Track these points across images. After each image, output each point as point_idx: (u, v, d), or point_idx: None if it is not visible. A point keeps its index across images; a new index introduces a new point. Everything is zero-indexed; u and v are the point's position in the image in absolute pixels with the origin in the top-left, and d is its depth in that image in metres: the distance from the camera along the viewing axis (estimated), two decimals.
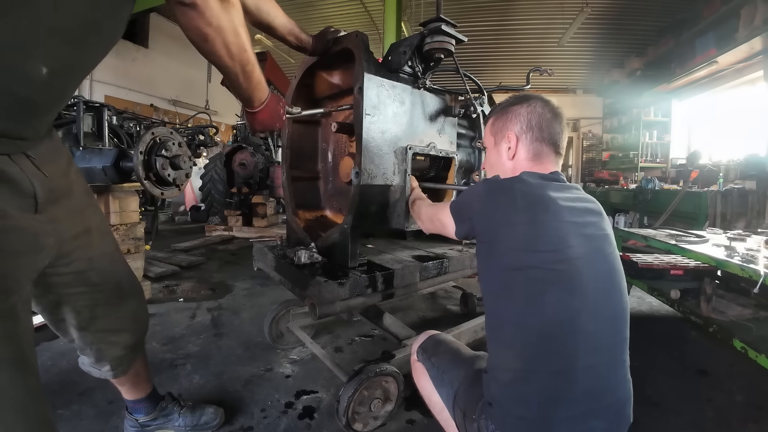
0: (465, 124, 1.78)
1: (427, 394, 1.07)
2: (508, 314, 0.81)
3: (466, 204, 0.97)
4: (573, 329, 0.76)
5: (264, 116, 1.05)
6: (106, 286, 1.00)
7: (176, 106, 8.03)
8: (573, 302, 0.77)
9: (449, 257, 1.57)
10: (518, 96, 1.03)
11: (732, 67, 5.10)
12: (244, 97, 0.99)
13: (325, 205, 1.86)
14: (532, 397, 0.77)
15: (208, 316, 2.35)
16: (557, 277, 0.77)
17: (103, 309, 1.01)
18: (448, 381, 0.98)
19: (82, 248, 0.94)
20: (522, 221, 0.81)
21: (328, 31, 1.45)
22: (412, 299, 2.66)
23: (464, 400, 0.91)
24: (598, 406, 0.77)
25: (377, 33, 6.35)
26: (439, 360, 1.05)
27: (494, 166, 1.06)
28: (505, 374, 0.81)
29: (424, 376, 1.07)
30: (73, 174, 0.97)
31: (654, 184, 4.72)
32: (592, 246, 0.82)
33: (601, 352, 0.78)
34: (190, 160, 3.31)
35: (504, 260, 0.81)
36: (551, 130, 0.96)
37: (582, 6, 5.59)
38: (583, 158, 9.28)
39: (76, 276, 0.94)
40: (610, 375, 0.80)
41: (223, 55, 0.82)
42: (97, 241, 0.99)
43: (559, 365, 0.76)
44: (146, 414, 1.24)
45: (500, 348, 0.84)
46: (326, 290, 1.17)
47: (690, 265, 2.47)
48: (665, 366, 1.85)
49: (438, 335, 1.15)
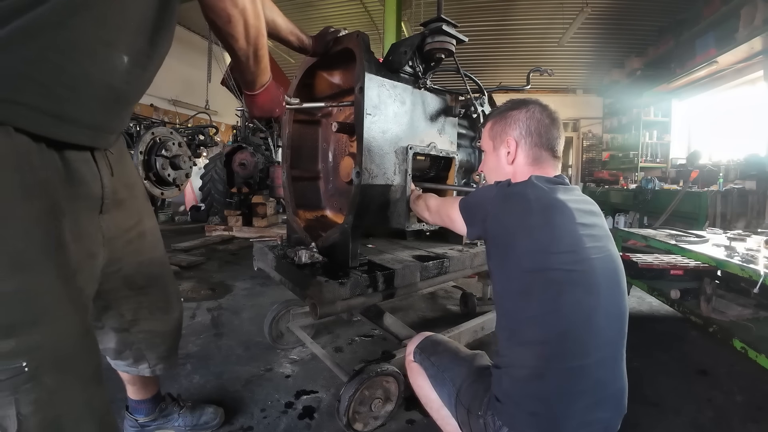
0: (465, 124, 1.78)
1: (424, 393, 1.08)
2: (527, 314, 0.82)
3: (478, 206, 0.97)
4: (588, 326, 0.79)
5: (264, 99, 1.06)
6: (151, 289, 1.02)
7: (176, 106, 8.02)
8: (589, 300, 0.80)
9: (449, 257, 1.57)
10: (515, 101, 1.04)
11: (732, 67, 5.10)
12: (248, 80, 0.99)
13: (326, 205, 1.86)
14: (548, 393, 0.79)
15: (208, 316, 2.35)
16: (576, 277, 0.80)
17: (147, 311, 1.02)
18: (449, 379, 0.99)
19: (133, 253, 0.95)
20: (538, 225, 0.83)
21: (327, 31, 1.46)
22: (412, 299, 2.66)
23: (468, 397, 0.92)
24: (602, 396, 0.80)
25: (377, 33, 6.35)
26: (438, 359, 1.05)
27: (493, 171, 1.07)
28: (521, 371, 0.82)
29: (421, 375, 1.08)
30: (135, 176, 0.99)
31: (654, 184, 4.72)
32: (599, 245, 0.85)
33: (608, 346, 0.82)
34: (190, 160, 3.30)
35: (523, 262, 0.83)
36: (549, 136, 0.98)
37: (582, 6, 5.59)
38: (583, 158, 9.28)
39: (125, 280, 0.95)
40: (614, 367, 0.83)
41: (241, 37, 0.83)
42: (148, 246, 1.00)
43: (575, 362, 0.78)
44: (146, 414, 1.24)
45: (517, 346, 0.85)
46: (327, 290, 1.17)
47: (690, 265, 2.47)
48: (665, 366, 1.85)
49: (434, 336, 1.16)
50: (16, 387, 0.62)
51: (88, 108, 0.71)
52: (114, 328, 1.01)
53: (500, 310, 0.91)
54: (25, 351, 0.62)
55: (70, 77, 0.66)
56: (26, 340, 0.62)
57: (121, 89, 0.75)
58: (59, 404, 0.67)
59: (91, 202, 0.79)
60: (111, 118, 0.79)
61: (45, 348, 0.64)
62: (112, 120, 0.79)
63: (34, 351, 0.63)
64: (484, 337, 1.81)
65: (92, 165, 0.79)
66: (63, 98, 0.66)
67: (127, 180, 0.93)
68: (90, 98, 0.71)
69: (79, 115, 0.70)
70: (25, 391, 0.62)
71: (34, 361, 0.63)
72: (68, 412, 0.68)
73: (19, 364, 0.61)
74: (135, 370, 1.10)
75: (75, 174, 0.73)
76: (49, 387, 0.64)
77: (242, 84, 1.01)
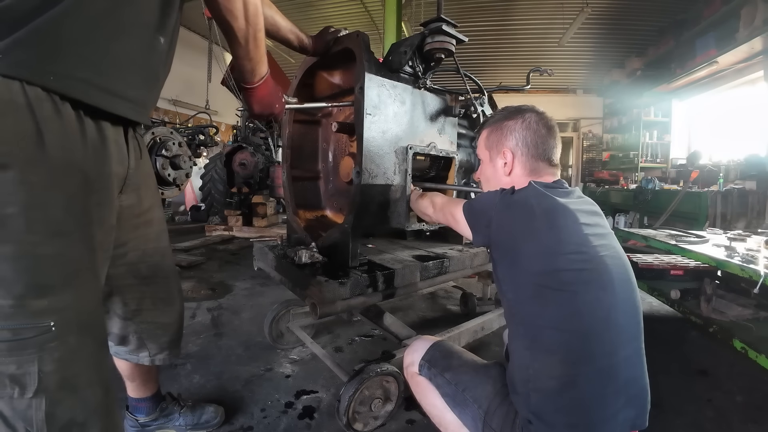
0: (465, 124, 1.78)
1: (438, 413, 1.00)
2: (545, 319, 0.80)
3: (482, 212, 0.95)
4: (608, 324, 0.79)
5: (263, 93, 1.06)
6: (154, 279, 1.04)
7: (176, 106, 8.02)
8: (606, 297, 0.79)
9: (450, 257, 1.56)
10: (511, 109, 1.04)
11: (732, 67, 5.10)
12: (248, 68, 0.99)
13: (326, 205, 1.86)
14: (582, 400, 0.76)
15: (208, 315, 2.35)
16: (588, 276, 0.80)
17: (150, 302, 1.04)
18: (472, 399, 0.91)
19: (139, 239, 0.98)
20: (543, 228, 0.82)
21: (327, 31, 1.46)
22: (412, 299, 2.66)
23: (499, 420, 0.85)
24: (632, 394, 0.80)
25: (377, 33, 6.35)
26: (455, 376, 0.96)
27: (490, 181, 1.07)
28: (549, 382, 0.78)
29: (431, 393, 1.00)
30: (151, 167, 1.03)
31: (654, 184, 4.72)
32: (605, 243, 0.86)
33: (630, 343, 0.81)
34: (190, 160, 3.30)
35: (532, 266, 0.82)
36: (546, 146, 0.98)
37: (582, 6, 5.59)
38: (583, 158, 9.28)
39: (129, 268, 0.98)
40: (638, 363, 0.83)
41: (240, 15, 0.84)
42: (153, 235, 1.02)
43: (602, 362, 0.77)
44: (147, 414, 1.23)
45: (541, 354, 0.80)
46: (327, 290, 1.17)
47: (690, 265, 2.46)
48: (665, 366, 1.85)
49: (441, 343, 1.07)
50: (42, 345, 0.65)
51: (132, 84, 0.78)
52: (118, 314, 1.02)
53: (516, 319, 0.87)
54: (55, 311, 0.67)
55: (116, 55, 0.73)
56: (58, 300, 0.67)
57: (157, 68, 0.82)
58: (78, 364, 0.71)
59: (116, 181, 0.84)
60: (149, 95, 0.85)
61: (72, 310, 0.69)
62: (149, 97, 0.86)
63: (63, 312, 0.68)
64: (484, 337, 1.81)
65: (123, 146, 0.84)
66: (110, 74, 0.73)
67: (145, 168, 0.97)
68: (133, 75, 0.77)
69: (123, 89, 0.76)
70: (50, 349, 0.66)
71: (61, 321, 0.67)
72: (83, 372, 0.72)
73: (47, 324, 0.66)
74: (135, 357, 1.10)
75: (109, 153, 0.78)
76: (72, 347, 0.69)
77: (241, 76, 1.02)
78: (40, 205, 0.65)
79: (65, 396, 0.69)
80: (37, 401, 0.66)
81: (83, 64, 0.68)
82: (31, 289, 0.65)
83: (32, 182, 0.64)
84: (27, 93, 0.62)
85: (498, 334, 1.90)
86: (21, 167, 0.63)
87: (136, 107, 0.81)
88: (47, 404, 0.66)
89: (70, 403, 0.69)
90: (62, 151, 0.67)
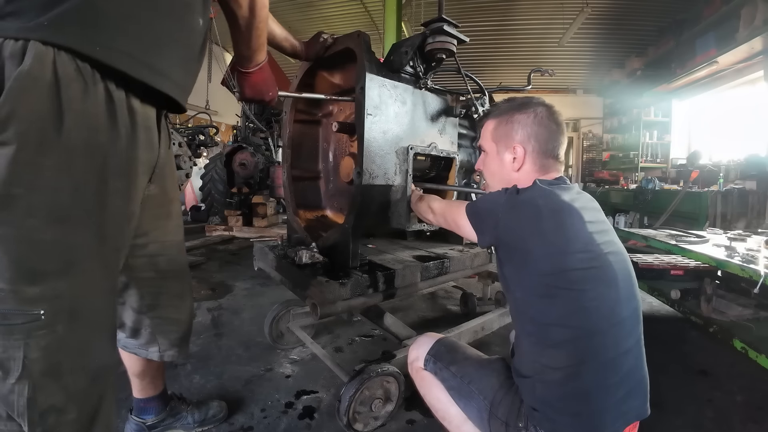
0: (466, 124, 1.78)
1: (442, 407, 1.01)
2: (553, 316, 0.82)
3: (488, 213, 0.94)
4: (613, 319, 0.81)
5: (258, 79, 1.06)
6: (171, 275, 1.03)
7: None
8: (611, 294, 0.81)
9: (450, 257, 1.57)
10: (520, 101, 1.02)
11: (732, 67, 5.09)
12: (245, 54, 0.99)
13: (326, 205, 1.86)
14: (586, 390, 0.79)
15: (209, 316, 2.35)
16: (594, 274, 0.81)
17: (166, 297, 1.04)
18: (478, 391, 0.93)
19: (159, 230, 0.97)
20: (551, 228, 0.83)
21: (318, 37, 1.48)
22: (413, 299, 2.66)
23: (505, 409, 0.87)
24: (633, 385, 0.82)
25: (377, 33, 6.34)
26: (461, 369, 0.98)
27: (496, 175, 1.05)
28: (554, 374, 0.81)
29: (436, 387, 1.01)
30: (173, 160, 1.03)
31: (654, 184, 4.72)
32: (608, 240, 0.87)
33: (632, 335, 0.84)
34: (190, 160, 3.31)
35: (541, 266, 0.82)
36: (555, 143, 0.98)
37: (582, 6, 5.59)
38: (583, 158, 9.27)
39: (149, 260, 0.97)
40: (639, 355, 0.85)
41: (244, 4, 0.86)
42: (172, 228, 1.02)
43: (608, 354, 0.79)
44: (156, 414, 1.22)
45: (547, 349, 0.83)
46: (327, 290, 1.17)
47: (690, 265, 2.46)
48: (665, 366, 1.85)
49: (445, 339, 1.09)
50: (29, 332, 0.64)
51: (173, 62, 0.77)
52: (133, 307, 1.01)
53: (523, 317, 0.89)
54: (47, 299, 0.65)
55: (159, 33, 0.73)
56: (51, 288, 0.66)
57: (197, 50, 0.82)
58: (64, 352, 0.69)
59: (146, 168, 0.83)
60: (189, 77, 0.84)
61: (66, 298, 0.68)
62: (188, 79, 0.85)
63: (55, 300, 0.66)
64: (484, 337, 1.81)
65: (155, 132, 0.83)
66: (154, 51, 0.72)
67: (170, 159, 0.97)
68: (175, 54, 0.77)
69: (167, 67, 0.75)
70: (38, 337, 0.65)
71: (52, 310, 0.66)
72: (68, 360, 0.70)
73: (37, 312, 0.64)
74: (144, 352, 1.09)
75: (137, 137, 0.77)
76: (60, 335, 0.68)
77: (237, 61, 1.01)
78: (47, 188, 0.63)
79: (48, 382, 0.68)
80: (20, 387, 0.65)
81: (128, 38, 0.68)
82: (24, 274, 0.63)
83: (42, 165, 0.62)
84: (57, 70, 0.61)
85: (498, 334, 1.90)
86: (34, 148, 0.61)
87: (177, 88, 0.79)
88: (30, 390, 0.65)
89: (52, 390, 0.68)
90: (84, 132, 0.65)
